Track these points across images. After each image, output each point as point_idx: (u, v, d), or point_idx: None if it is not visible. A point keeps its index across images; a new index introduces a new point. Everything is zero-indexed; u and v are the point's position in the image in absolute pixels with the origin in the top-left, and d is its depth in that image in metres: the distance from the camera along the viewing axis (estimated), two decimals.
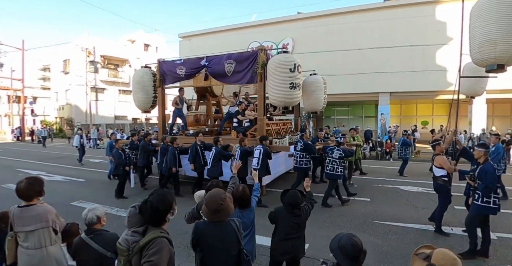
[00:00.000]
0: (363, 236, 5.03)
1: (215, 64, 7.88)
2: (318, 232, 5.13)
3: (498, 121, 20.80)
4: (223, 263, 2.27)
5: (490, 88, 16.39)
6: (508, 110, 20.88)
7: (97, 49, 31.21)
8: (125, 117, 33.70)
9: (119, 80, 33.26)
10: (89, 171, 11.38)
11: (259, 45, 21.08)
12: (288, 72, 6.82)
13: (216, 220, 2.27)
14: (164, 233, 2.00)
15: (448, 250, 1.69)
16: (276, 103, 7.41)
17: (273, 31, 20.68)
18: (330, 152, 6.66)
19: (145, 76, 8.86)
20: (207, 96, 10.51)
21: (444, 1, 17.19)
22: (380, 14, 18.18)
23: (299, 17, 20.47)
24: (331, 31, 19.02)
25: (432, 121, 21.90)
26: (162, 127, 9.44)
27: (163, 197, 2.02)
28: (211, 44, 22.06)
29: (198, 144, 7.49)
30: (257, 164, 6.58)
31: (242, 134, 7.96)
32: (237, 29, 22.11)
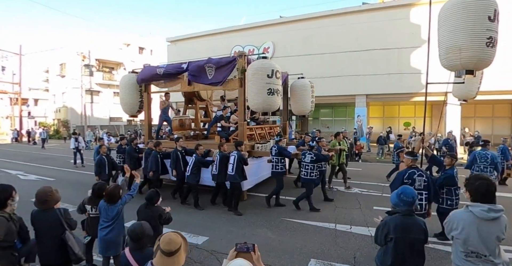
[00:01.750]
0: (264, 231, 5.54)
1: (195, 69, 7.96)
2: (224, 227, 5.67)
3: (480, 123, 20.93)
4: (49, 240, 3.05)
5: None
6: (489, 112, 20.97)
7: (92, 53, 31.98)
8: (120, 119, 34.48)
9: (114, 83, 34.02)
10: (70, 172, 11.97)
11: (240, 50, 21.65)
12: (266, 78, 6.80)
13: (43, 208, 3.02)
14: (3, 213, 2.83)
15: (172, 233, 2.16)
16: (255, 109, 7.39)
17: (255, 35, 21.14)
18: (303, 156, 6.71)
19: (131, 81, 9.03)
20: (194, 100, 10.63)
21: (417, 4, 17.47)
22: (357, 17, 18.50)
23: (279, 21, 20.88)
24: (310, 35, 19.41)
25: (414, 122, 22.09)
26: (148, 132, 9.60)
27: (3, 188, 2.88)
28: (197, 48, 22.64)
29: (178, 149, 7.42)
30: (232, 169, 6.50)
31: (225, 139, 7.99)
32: (221, 33, 22.63)
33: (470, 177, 2.42)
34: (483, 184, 2.28)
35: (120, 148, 8.88)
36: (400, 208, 2.62)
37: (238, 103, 7.67)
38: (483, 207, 2.25)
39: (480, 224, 2.25)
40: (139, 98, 9.11)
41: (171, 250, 2.11)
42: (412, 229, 2.58)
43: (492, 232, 2.25)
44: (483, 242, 2.25)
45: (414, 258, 2.62)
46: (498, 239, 2.25)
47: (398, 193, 2.64)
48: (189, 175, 6.96)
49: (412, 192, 2.61)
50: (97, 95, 33.19)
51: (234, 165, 6.48)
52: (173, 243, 2.13)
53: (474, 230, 2.26)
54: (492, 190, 2.28)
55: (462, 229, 2.30)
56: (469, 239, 2.28)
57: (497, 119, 20.65)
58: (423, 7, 17.27)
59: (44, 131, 23.81)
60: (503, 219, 2.28)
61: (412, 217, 2.61)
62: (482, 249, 2.26)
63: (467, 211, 2.32)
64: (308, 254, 4.59)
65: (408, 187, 2.74)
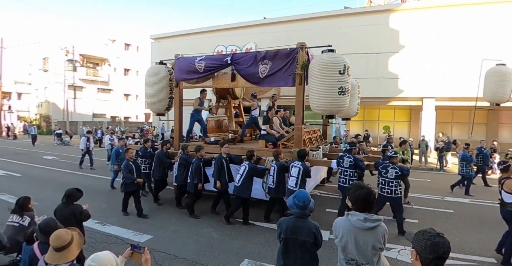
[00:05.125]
0: (209, 231, 5.59)
1: (245, 63, 6.71)
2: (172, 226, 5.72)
3: (457, 128, 21.36)
4: None
5: (439, 96, 17.15)
6: (466, 118, 21.41)
7: (76, 48, 31.56)
8: (104, 115, 34.15)
9: (98, 79, 33.70)
10: (42, 169, 11.84)
11: (222, 49, 21.73)
12: (337, 74, 5.69)
13: None
14: None
15: (63, 230, 2.27)
16: (320, 111, 6.11)
17: (238, 35, 21.17)
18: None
19: (161, 74, 7.63)
20: (228, 98, 9.32)
21: (397, 10, 17.74)
22: (338, 21, 18.69)
23: (262, 22, 20.97)
24: (291, 37, 19.35)
25: (394, 126, 22.43)
26: (179, 133, 8.06)
27: None
28: (180, 46, 22.46)
29: (223, 156, 6.30)
30: (296, 184, 5.59)
31: (273, 144, 6.98)
32: (205, 32, 22.59)
33: (353, 186, 2.45)
34: (362, 192, 2.31)
35: (146, 152, 7.78)
36: (294, 210, 2.69)
37: (295, 104, 6.49)
38: (360, 216, 2.28)
39: (358, 232, 2.29)
40: (168, 94, 7.72)
41: (58, 246, 2.31)
42: (302, 231, 2.65)
43: (368, 241, 2.27)
44: (360, 250, 2.29)
45: (305, 260, 2.68)
46: (374, 248, 2.27)
47: (293, 196, 2.70)
48: (239, 186, 5.83)
49: (304, 197, 2.67)
50: (81, 91, 32.73)
51: (299, 179, 5.58)
52: (60, 239, 2.33)
53: (352, 238, 2.30)
54: (370, 199, 2.31)
55: (342, 237, 2.35)
56: (347, 247, 2.32)
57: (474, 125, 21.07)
58: (402, 13, 17.57)
59: (34, 127, 22.45)
60: (380, 229, 2.30)
61: (304, 220, 2.68)
62: (360, 258, 2.30)
63: (347, 219, 2.36)
64: (243, 254, 4.64)
65: (303, 191, 2.80)
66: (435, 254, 1.50)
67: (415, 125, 20.41)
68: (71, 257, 2.34)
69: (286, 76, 6.33)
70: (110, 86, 35.34)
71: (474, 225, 6.18)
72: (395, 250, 4.85)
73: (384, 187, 5.63)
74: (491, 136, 18.53)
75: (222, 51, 21.37)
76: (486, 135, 20.02)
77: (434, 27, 16.70)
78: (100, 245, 4.74)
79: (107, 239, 5.12)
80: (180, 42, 23.30)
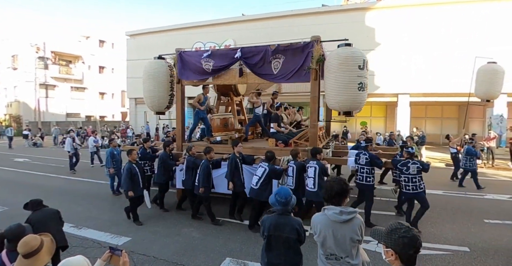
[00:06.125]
0: (190, 230, 5.54)
1: (255, 58, 6.36)
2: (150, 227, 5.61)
3: (431, 123, 22.15)
4: None
5: (413, 92, 17.70)
6: (439, 113, 22.23)
7: (47, 44, 30.27)
8: (78, 114, 33.00)
9: (71, 77, 32.51)
10: (12, 172, 11.28)
11: (200, 46, 21.45)
12: (357, 69, 5.45)
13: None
14: None
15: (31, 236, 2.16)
16: (339, 107, 5.79)
17: (217, 32, 20.96)
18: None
19: (160, 69, 7.11)
20: (230, 95, 8.92)
21: (373, 8, 18.11)
22: (316, 18, 18.85)
23: (241, 19, 20.89)
24: (270, 34, 19.42)
25: (370, 122, 23.00)
26: (182, 133, 7.57)
27: None
28: (157, 43, 22.02)
29: (237, 156, 5.95)
30: (314, 185, 5.37)
31: (284, 143, 6.65)
32: (182, 29, 22.22)
33: (327, 180, 2.51)
34: (335, 186, 2.35)
35: (146, 153, 7.18)
36: (276, 208, 2.69)
37: (311, 100, 6.19)
38: (335, 210, 2.32)
39: (335, 226, 2.32)
40: (169, 91, 7.25)
41: (26, 253, 2.25)
42: (285, 228, 2.65)
43: (346, 234, 2.31)
44: (338, 244, 2.33)
45: (289, 256, 2.70)
46: (352, 240, 2.32)
47: (275, 193, 2.70)
48: (258, 189, 5.46)
49: (286, 193, 2.67)
50: (53, 89, 31.47)
51: (316, 179, 5.34)
52: (28, 246, 2.23)
53: (330, 232, 2.33)
54: (344, 192, 2.35)
55: (320, 232, 2.38)
56: (326, 242, 2.36)
57: (445, 120, 21.94)
58: (377, 11, 17.95)
59: (10, 129, 20.99)
60: (356, 221, 2.34)
61: (286, 217, 2.69)
62: (339, 251, 2.34)
63: (323, 214, 2.39)
64: (225, 253, 4.62)
65: (284, 187, 2.81)
66: (414, 248, 1.53)
67: (391, 121, 20.98)
68: (41, 264, 2.23)
69: (301, 72, 6.03)
70: (84, 84, 34.15)
71: (447, 215, 6.42)
72: (373, 243, 4.96)
73: (408, 184, 5.47)
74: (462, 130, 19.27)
75: (201, 47, 21.10)
76: (458, 128, 20.90)
77: (408, 25, 17.18)
78: (76, 250, 4.57)
79: (83, 243, 4.95)
80: (157, 38, 22.81)
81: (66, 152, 11.35)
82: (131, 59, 23.92)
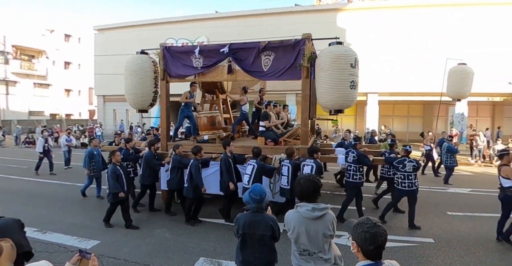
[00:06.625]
0: (162, 231, 5.42)
1: (245, 54, 6.27)
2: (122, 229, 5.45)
3: (398, 121, 23.09)
4: None
5: (382, 91, 18.37)
6: (405, 111, 23.23)
7: (8, 38, 28.46)
8: (42, 112, 31.29)
9: (34, 72, 30.72)
10: None
11: (173, 43, 21.02)
12: (349, 68, 5.47)
13: None
14: None
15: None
16: (331, 105, 5.76)
17: (189, 28, 20.66)
18: (401, 165, 5.70)
19: (144, 65, 6.78)
20: (216, 92, 8.72)
21: (343, 9, 18.59)
22: (289, 18, 19.07)
23: (214, 16, 20.74)
24: (243, 32, 19.44)
25: (341, 120, 23.62)
26: (167, 132, 7.26)
27: None
28: (127, 39, 21.39)
29: (229, 156, 5.84)
30: None
31: (273, 141, 6.57)
32: (153, 24, 21.72)
33: (297, 179, 2.54)
34: (307, 184, 2.40)
35: (128, 154, 6.76)
36: (251, 206, 2.69)
37: (302, 98, 6.22)
38: (308, 207, 2.36)
39: (308, 223, 2.37)
40: (153, 88, 6.93)
41: None
42: (260, 226, 2.66)
43: (318, 230, 2.36)
44: (311, 240, 2.38)
45: (264, 253, 2.71)
46: (324, 236, 2.38)
47: (249, 191, 2.70)
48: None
49: (260, 190, 2.68)
50: (14, 86, 29.58)
51: None
52: None
53: (303, 229, 2.37)
54: (316, 189, 2.40)
55: (293, 229, 2.41)
56: (299, 238, 2.40)
57: (411, 118, 22.96)
58: (348, 13, 18.45)
59: None
60: (328, 217, 2.39)
61: (260, 214, 2.69)
62: (312, 247, 2.39)
63: (296, 211, 2.43)
64: (199, 252, 4.56)
65: (258, 185, 2.83)
66: (374, 244, 1.56)
67: (361, 119, 21.64)
68: None
69: (292, 69, 6.00)
70: (48, 80, 32.37)
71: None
72: (345, 237, 5.11)
73: (404, 181, 5.58)
74: (427, 128, 20.25)
75: (172, 44, 20.67)
76: (423, 126, 21.94)
77: (377, 27, 17.80)
78: (41, 255, 4.32)
79: (48, 247, 4.70)
80: (126, 34, 22.13)
81: (29, 153, 10.74)
82: (99, 55, 23.03)
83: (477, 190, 8.65)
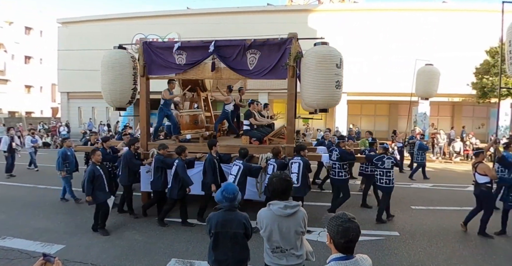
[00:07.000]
0: (132, 233, 5.28)
1: (230, 52, 6.17)
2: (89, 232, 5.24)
3: (365, 120, 23.93)
4: None
5: (350, 91, 18.94)
6: (372, 111, 24.14)
7: None
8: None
9: None
10: None
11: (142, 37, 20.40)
12: (335, 68, 5.55)
13: None
14: None
15: None
16: (317, 105, 5.84)
17: (159, 24, 20.16)
18: (380, 162, 5.87)
19: (122, 60, 6.39)
20: (197, 90, 8.48)
21: (315, 11, 18.96)
22: (262, 17, 19.16)
23: (186, 13, 20.41)
24: (216, 30, 19.27)
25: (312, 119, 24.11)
26: (147, 131, 6.92)
27: None
28: (93, 33, 20.48)
29: (214, 156, 5.73)
30: (297, 181, 5.34)
31: (258, 140, 6.54)
32: (122, 19, 20.96)
33: (271, 176, 2.58)
34: (279, 182, 2.44)
35: (106, 154, 6.33)
36: (223, 204, 2.68)
37: (288, 97, 6.24)
38: (280, 205, 2.41)
39: (280, 220, 2.41)
40: (132, 84, 6.56)
41: None
42: (232, 224, 2.67)
43: (290, 227, 2.40)
44: (284, 237, 2.42)
45: (236, 252, 2.72)
46: (296, 232, 2.44)
47: (222, 190, 2.69)
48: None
49: (233, 188, 2.69)
50: None
51: (299, 174, 5.34)
52: None
53: (275, 226, 2.41)
54: (288, 187, 2.45)
55: (266, 227, 2.45)
56: (272, 236, 2.44)
57: (378, 117, 23.89)
58: (318, 14, 18.84)
59: None
60: (300, 214, 2.44)
61: (233, 212, 2.70)
62: (284, 244, 2.44)
63: (269, 210, 2.47)
64: (170, 254, 4.49)
65: (230, 183, 2.84)
66: (345, 238, 1.62)
67: (330, 118, 22.17)
68: None
69: (277, 68, 6.00)
70: (6, 76, 30.27)
71: (373, 204, 6.90)
72: (315, 233, 5.25)
73: (382, 178, 5.81)
74: (392, 126, 21.17)
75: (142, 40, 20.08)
76: (389, 125, 22.92)
77: (346, 29, 18.32)
78: (0, 262, 4.08)
79: (8, 254, 4.41)
80: (92, 28, 21.19)
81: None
82: (63, 49, 21.87)
83: (438, 185, 9.20)
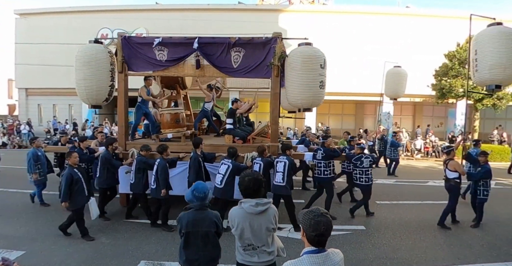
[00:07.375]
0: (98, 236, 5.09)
1: (214, 49, 6.12)
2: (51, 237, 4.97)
3: (333, 119, 24.66)
4: None
5: None
6: (340, 110, 24.92)
7: None
8: None
9: None
10: None
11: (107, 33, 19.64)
12: (319, 68, 5.65)
13: None
14: None
15: None
16: (301, 104, 5.93)
17: (127, 19, 19.47)
18: (359, 162, 6.01)
19: (99, 56, 6.04)
20: (177, 88, 8.33)
21: (285, 11, 19.21)
22: (232, 15, 19.11)
23: (155, 8, 19.92)
24: (186, 26, 19.01)
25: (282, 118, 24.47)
26: (125, 130, 6.65)
27: None
28: (55, 26, 19.35)
29: (199, 155, 5.63)
30: (282, 179, 5.37)
31: (242, 139, 6.54)
32: (86, 12, 19.96)
33: (240, 176, 2.61)
34: (250, 181, 2.47)
35: (82, 154, 5.93)
36: (194, 204, 2.67)
37: (272, 96, 6.25)
38: (251, 202, 2.44)
39: (251, 218, 2.45)
40: (109, 81, 6.23)
41: None
42: (203, 223, 2.68)
43: (262, 224, 2.44)
44: (255, 234, 2.46)
45: (208, 250, 2.72)
46: (268, 229, 2.48)
47: (192, 189, 2.68)
48: (223, 188, 5.22)
49: (204, 187, 2.69)
50: None
51: (285, 173, 5.37)
52: None
53: (247, 224, 2.44)
54: (259, 185, 2.49)
55: (238, 225, 2.47)
56: (244, 234, 2.47)
57: (345, 116, 24.71)
58: (289, 14, 19.12)
59: None
60: (271, 211, 2.50)
61: (204, 211, 2.70)
62: (256, 241, 2.47)
63: (240, 208, 2.50)
64: (139, 256, 4.38)
65: (201, 182, 2.84)
66: (316, 232, 1.69)
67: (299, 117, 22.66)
68: None
69: (262, 67, 6.07)
70: None
71: (343, 199, 7.13)
72: (286, 229, 5.36)
73: (362, 177, 5.99)
74: (358, 125, 22.01)
75: (108, 34, 19.29)
76: (355, 124, 23.77)
77: (315, 30, 18.72)
78: None
79: None
80: (54, 21, 20.04)
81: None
82: (21, 42, 20.46)
83: (401, 181, 9.72)
